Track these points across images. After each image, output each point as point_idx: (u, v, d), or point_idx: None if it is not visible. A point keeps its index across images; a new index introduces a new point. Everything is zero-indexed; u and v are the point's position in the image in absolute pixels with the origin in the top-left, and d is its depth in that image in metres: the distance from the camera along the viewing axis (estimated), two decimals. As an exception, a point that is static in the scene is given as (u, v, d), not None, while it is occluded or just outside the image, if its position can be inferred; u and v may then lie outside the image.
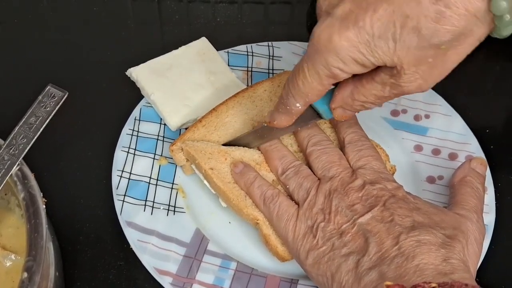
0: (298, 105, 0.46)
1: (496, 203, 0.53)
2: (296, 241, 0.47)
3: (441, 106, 0.59)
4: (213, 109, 0.56)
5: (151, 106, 0.59)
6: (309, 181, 0.49)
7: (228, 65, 0.62)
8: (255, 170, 0.51)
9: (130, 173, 0.54)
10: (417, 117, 0.59)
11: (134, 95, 0.59)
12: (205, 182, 0.52)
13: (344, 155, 0.51)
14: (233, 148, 0.53)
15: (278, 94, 0.53)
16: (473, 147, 0.56)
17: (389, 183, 0.48)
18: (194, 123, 0.55)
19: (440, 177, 0.55)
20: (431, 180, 0.55)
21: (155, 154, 0.56)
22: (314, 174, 0.50)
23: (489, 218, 0.52)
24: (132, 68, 0.60)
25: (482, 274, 0.49)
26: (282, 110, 0.48)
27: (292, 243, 0.47)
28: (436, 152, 0.56)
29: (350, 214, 0.46)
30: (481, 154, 0.55)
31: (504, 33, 0.40)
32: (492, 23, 0.39)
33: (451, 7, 0.37)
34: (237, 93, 0.57)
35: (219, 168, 0.51)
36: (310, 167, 0.51)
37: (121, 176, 0.54)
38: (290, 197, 0.50)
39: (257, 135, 0.53)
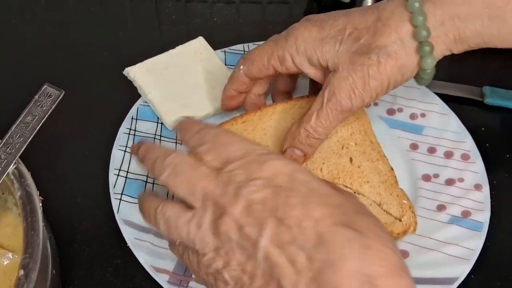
0: (241, 67, 0.52)
1: (491, 201, 0.53)
2: None
3: (437, 104, 0.59)
4: (259, 108, 0.54)
5: (148, 105, 0.59)
6: (183, 226, 0.39)
7: (225, 65, 0.62)
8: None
9: (127, 172, 0.54)
10: (413, 116, 0.59)
11: (131, 94, 0.60)
12: None
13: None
14: None
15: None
16: (469, 146, 0.56)
17: (265, 167, 0.39)
18: (235, 116, 0.53)
19: (436, 175, 0.55)
20: (426, 178, 0.55)
21: (152, 153, 0.56)
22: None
23: (485, 216, 0.52)
24: (129, 68, 0.60)
25: (477, 271, 0.49)
26: (230, 77, 0.54)
27: None
28: (431, 150, 0.57)
29: (244, 246, 0.37)
30: (477, 153, 0.56)
31: (425, 66, 0.47)
32: (414, 54, 0.46)
33: (385, 27, 0.46)
34: (290, 100, 0.55)
35: None
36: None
37: (118, 175, 0.54)
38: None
39: None
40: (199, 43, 0.63)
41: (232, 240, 0.37)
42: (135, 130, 0.57)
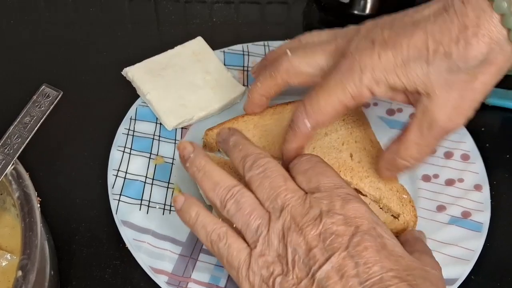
0: (308, 125, 0.47)
1: (491, 201, 0.53)
2: None
3: (437, 105, 0.59)
4: (259, 111, 0.55)
5: (147, 106, 0.59)
6: (256, 218, 0.42)
7: (224, 65, 0.62)
8: (198, 205, 0.44)
9: (126, 173, 0.54)
10: (412, 116, 0.59)
11: (130, 94, 0.60)
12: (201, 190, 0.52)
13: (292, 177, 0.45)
14: None
15: None
16: (468, 146, 0.56)
17: (350, 207, 0.41)
18: (237, 116, 0.55)
19: (436, 176, 0.55)
20: (426, 178, 0.55)
21: (151, 153, 0.56)
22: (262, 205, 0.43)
23: (485, 216, 0.52)
24: (127, 68, 0.60)
25: (477, 271, 0.49)
26: (290, 134, 0.47)
27: None
28: (431, 150, 0.56)
29: (308, 264, 0.40)
30: (476, 153, 0.55)
31: None
32: (510, 56, 0.42)
33: (477, 35, 0.41)
34: (290, 102, 0.56)
35: None
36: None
37: (116, 176, 0.54)
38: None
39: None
40: (198, 43, 0.63)
41: (298, 254, 0.40)
42: (134, 131, 0.57)
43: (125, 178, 0.54)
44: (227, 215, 0.43)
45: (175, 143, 0.57)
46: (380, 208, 0.51)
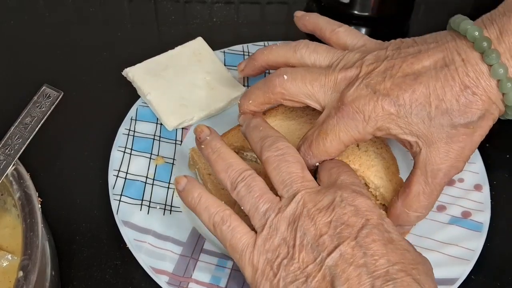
0: (316, 164, 0.48)
1: (491, 201, 0.53)
2: (255, 278, 0.42)
3: (437, 105, 0.59)
4: (263, 112, 0.55)
5: (148, 106, 0.59)
6: (266, 202, 0.43)
7: (224, 65, 0.62)
8: (201, 187, 0.45)
9: (127, 173, 0.54)
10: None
11: (130, 95, 0.60)
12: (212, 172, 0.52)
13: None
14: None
15: None
16: (469, 146, 0.56)
17: (362, 201, 0.42)
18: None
19: (436, 176, 0.55)
20: (426, 178, 0.55)
21: (151, 153, 0.56)
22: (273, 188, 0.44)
23: (485, 216, 0.52)
24: (128, 68, 0.60)
25: (477, 271, 0.49)
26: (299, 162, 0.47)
27: (251, 279, 0.42)
28: (431, 150, 0.56)
29: (317, 249, 0.40)
30: (477, 153, 0.55)
31: (510, 117, 0.47)
32: (503, 107, 0.46)
33: (477, 94, 0.44)
34: None
35: None
36: (267, 178, 0.45)
37: (117, 176, 0.54)
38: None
39: None
40: (198, 43, 0.63)
41: (306, 238, 0.41)
42: (134, 131, 0.57)
43: (125, 178, 0.54)
44: (236, 197, 0.44)
45: (175, 143, 0.57)
46: (375, 195, 0.52)
